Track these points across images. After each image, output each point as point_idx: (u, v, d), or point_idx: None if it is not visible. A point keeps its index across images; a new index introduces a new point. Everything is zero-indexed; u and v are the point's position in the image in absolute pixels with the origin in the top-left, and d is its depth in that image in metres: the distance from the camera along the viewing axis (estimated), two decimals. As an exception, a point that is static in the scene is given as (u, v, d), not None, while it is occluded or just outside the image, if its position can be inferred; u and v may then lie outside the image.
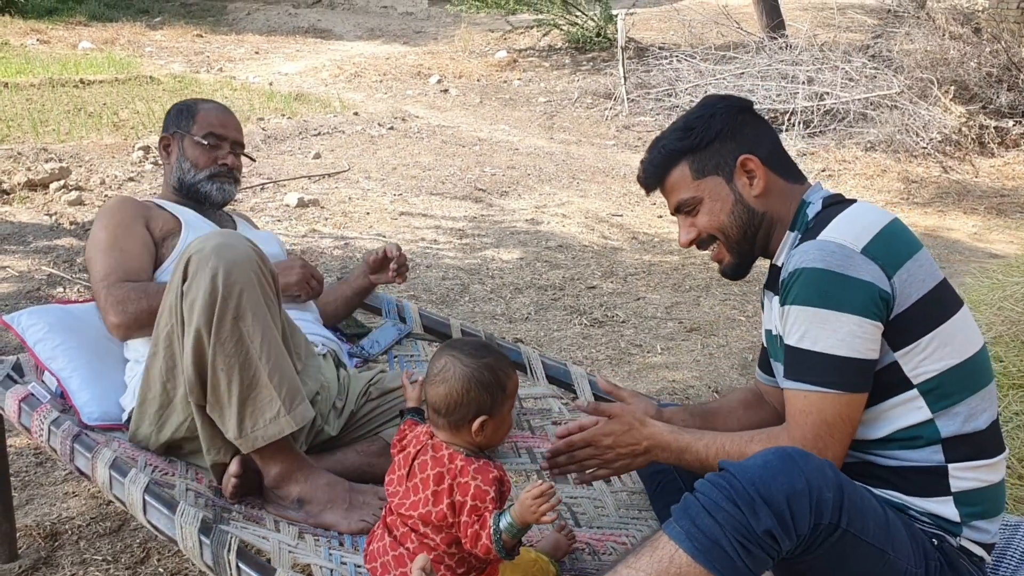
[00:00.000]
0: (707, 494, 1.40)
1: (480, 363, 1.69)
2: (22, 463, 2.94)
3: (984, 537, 1.62)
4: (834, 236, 1.59)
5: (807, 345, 1.58)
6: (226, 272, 1.88)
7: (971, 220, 6.56)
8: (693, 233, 1.81)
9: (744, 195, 1.76)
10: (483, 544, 1.61)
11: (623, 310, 4.62)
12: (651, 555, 1.40)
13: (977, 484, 1.61)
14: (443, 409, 1.68)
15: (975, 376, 1.63)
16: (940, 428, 1.59)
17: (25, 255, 4.72)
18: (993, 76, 8.61)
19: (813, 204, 1.74)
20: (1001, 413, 2.73)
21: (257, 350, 1.91)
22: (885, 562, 1.47)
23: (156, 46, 12.08)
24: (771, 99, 8.68)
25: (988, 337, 3.05)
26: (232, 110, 2.65)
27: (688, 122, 1.79)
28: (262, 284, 1.95)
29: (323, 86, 10.30)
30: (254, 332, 1.90)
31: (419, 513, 1.66)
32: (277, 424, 1.93)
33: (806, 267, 1.57)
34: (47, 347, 2.32)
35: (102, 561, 2.46)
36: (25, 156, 6.09)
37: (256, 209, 5.81)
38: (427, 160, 7.36)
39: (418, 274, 4.95)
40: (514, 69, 11.27)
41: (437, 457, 1.68)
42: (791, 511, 1.37)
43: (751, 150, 1.75)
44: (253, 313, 1.91)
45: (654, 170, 1.82)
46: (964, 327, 1.64)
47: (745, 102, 1.83)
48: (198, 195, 2.50)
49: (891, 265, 1.57)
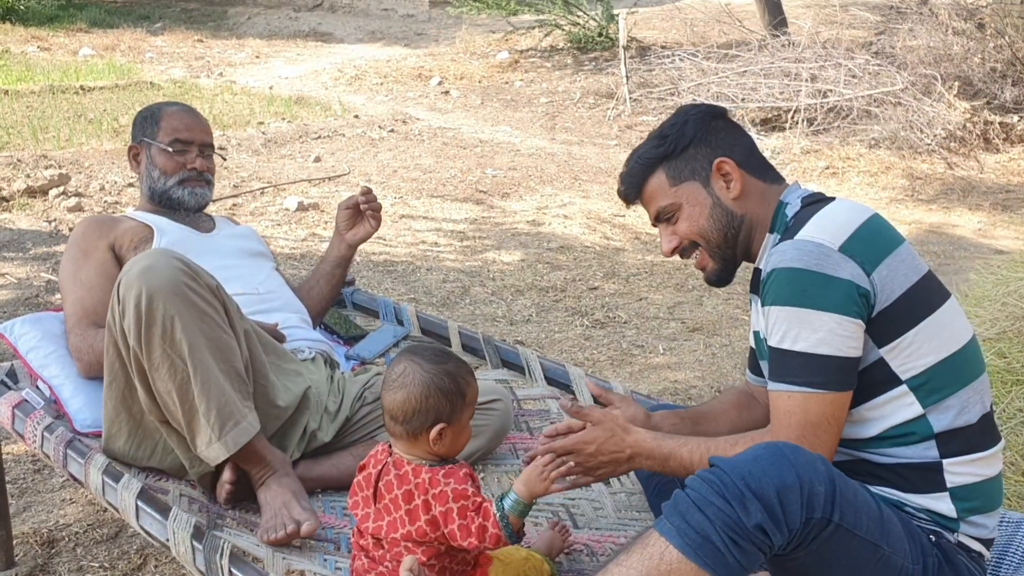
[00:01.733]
0: (697, 490, 1.39)
1: (440, 369, 1.65)
2: (19, 470, 2.93)
3: (982, 532, 1.60)
4: (811, 235, 1.58)
5: (788, 345, 1.57)
6: (148, 297, 1.86)
7: (976, 216, 6.51)
8: (675, 241, 1.82)
9: (722, 198, 1.76)
10: (492, 534, 1.59)
11: (625, 311, 4.59)
12: (641, 552, 1.39)
13: (973, 479, 1.59)
14: (400, 416, 1.64)
15: (965, 368, 1.61)
16: (933, 423, 1.57)
17: (24, 262, 4.71)
18: (997, 71, 8.56)
19: (791, 204, 1.74)
20: (1005, 409, 2.70)
21: (191, 373, 1.89)
22: (880, 557, 1.45)
23: (157, 52, 12.08)
24: (774, 97, 8.65)
25: (992, 333, 3.02)
26: (198, 111, 2.61)
27: (662, 131, 1.81)
28: (191, 303, 1.91)
29: (323, 89, 10.29)
30: (186, 354, 1.88)
31: (402, 533, 1.62)
32: (212, 449, 1.92)
33: (784, 267, 1.56)
34: (40, 355, 2.31)
35: (99, 568, 2.45)
36: (25, 163, 6.09)
37: (256, 213, 5.80)
38: (428, 162, 7.34)
39: (419, 277, 4.93)
40: (516, 70, 11.25)
41: (401, 475, 1.64)
42: (782, 505, 1.35)
43: (726, 153, 1.76)
44: (183, 336, 1.88)
45: (632, 180, 1.84)
46: (951, 320, 1.62)
47: (719, 109, 1.85)
48: (171, 202, 2.48)
49: (870, 262, 1.56)
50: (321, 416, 2.21)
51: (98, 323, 2.26)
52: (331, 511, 2.08)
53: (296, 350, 2.32)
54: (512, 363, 2.73)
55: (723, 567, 1.34)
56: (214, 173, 2.56)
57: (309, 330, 2.45)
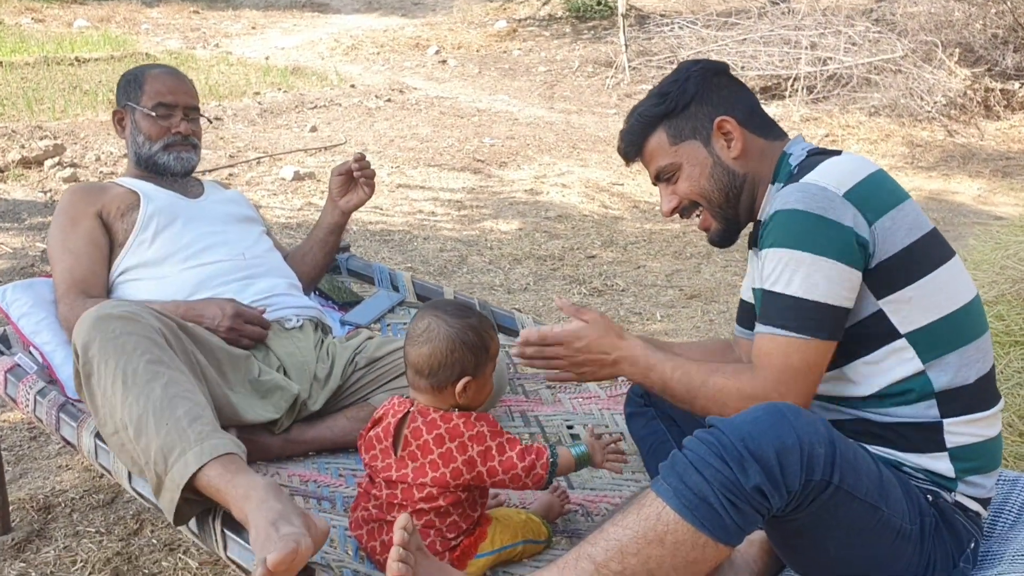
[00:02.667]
0: (695, 451, 1.37)
1: (464, 323, 1.67)
2: (15, 437, 2.92)
3: (980, 492, 1.59)
4: (817, 179, 1.56)
5: (780, 288, 1.54)
6: (84, 347, 1.78)
7: (976, 183, 6.49)
8: (675, 201, 1.79)
9: (723, 157, 1.73)
10: (536, 474, 1.66)
11: (623, 279, 4.58)
12: (638, 513, 1.37)
13: (972, 439, 1.57)
14: (426, 370, 1.66)
15: (966, 327, 1.59)
16: (933, 380, 1.55)
17: (19, 232, 4.69)
18: (999, 37, 8.49)
19: (795, 155, 1.72)
20: (1003, 371, 2.70)
21: (132, 420, 1.72)
22: (879, 519, 1.44)
23: (152, 23, 11.99)
24: (774, 65, 8.59)
25: (991, 296, 3.00)
26: (183, 73, 2.55)
27: (662, 88, 1.77)
28: (126, 351, 1.77)
29: (320, 60, 10.22)
30: (127, 399, 1.73)
31: (432, 477, 1.63)
32: (162, 496, 1.69)
33: (786, 208, 1.54)
34: (31, 321, 2.29)
35: (95, 533, 2.45)
36: (19, 134, 6.05)
37: (252, 183, 5.77)
38: (425, 132, 7.29)
39: (416, 246, 4.91)
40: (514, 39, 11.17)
41: (429, 422, 1.66)
42: (781, 467, 1.33)
43: (727, 112, 1.73)
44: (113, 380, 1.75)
45: (632, 139, 1.81)
46: (954, 278, 1.60)
47: (720, 65, 1.81)
48: (157, 168, 2.44)
49: (873, 211, 1.53)
50: (311, 384, 2.19)
51: (87, 292, 2.24)
52: (325, 471, 2.07)
53: (283, 319, 2.30)
54: (507, 327, 2.72)
55: (720, 528, 1.33)
56: (200, 137, 2.52)
57: (299, 296, 2.41)
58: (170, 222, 2.33)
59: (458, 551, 1.67)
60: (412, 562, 1.44)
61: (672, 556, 1.34)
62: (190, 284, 2.25)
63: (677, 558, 1.34)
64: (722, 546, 1.34)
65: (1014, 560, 1.58)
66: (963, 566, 1.55)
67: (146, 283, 2.27)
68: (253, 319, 2.18)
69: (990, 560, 1.62)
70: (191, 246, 2.31)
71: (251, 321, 2.17)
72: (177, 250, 2.30)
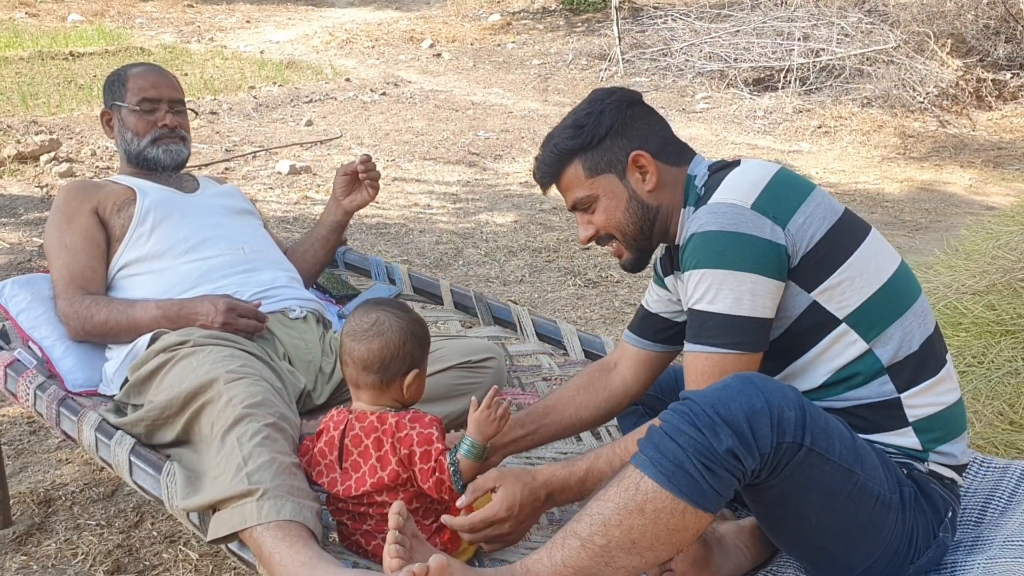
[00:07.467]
0: (669, 421, 1.40)
1: (411, 317, 1.73)
2: (16, 432, 2.94)
3: (951, 460, 1.62)
4: (724, 198, 1.59)
5: (705, 306, 1.57)
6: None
7: (968, 173, 6.51)
8: (591, 230, 1.81)
9: (638, 191, 1.75)
10: (447, 487, 1.64)
11: (617, 270, 4.59)
12: (619, 485, 1.41)
13: (933, 409, 1.60)
14: (377, 364, 1.67)
15: (899, 296, 1.62)
16: (880, 356, 1.58)
17: (16, 227, 4.70)
18: (991, 28, 8.51)
19: (699, 175, 1.74)
20: (993, 360, 2.73)
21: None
22: (856, 482, 1.47)
23: (147, 17, 11.97)
24: (767, 56, 8.60)
25: (982, 286, 3.04)
26: (165, 68, 2.57)
27: (578, 119, 1.77)
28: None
29: (315, 53, 10.22)
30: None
31: (371, 483, 1.64)
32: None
33: (701, 231, 1.57)
34: (30, 316, 2.32)
35: (96, 526, 2.47)
36: (15, 129, 6.06)
37: (248, 177, 5.78)
38: (420, 125, 7.31)
39: (411, 239, 4.93)
40: (508, 32, 11.17)
41: (367, 426, 1.67)
42: (752, 429, 1.37)
43: (642, 145, 1.74)
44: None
45: (547, 169, 1.81)
46: (876, 252, 1.63)
47: (634, 95, 1.81)
48: (147, 162, 2.45)
49: (783, 214, 1.57)
50: (316, 378, 2.21)
51: (85, 288, 2.26)
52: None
53: (287, 309, 2.32)
54: (504, 320, 2.75)
55: (697, 494, 1.36)
56: (188, 130, 2.53)
57: (300, 289, 2.44)
58: (167, 216, 2.35)
59: (447, 533, 1.69)
60: (408, 545, 1.48)
61: (654, 525, 1.37)
62: (191, 277, 2.27)
63: (659, 526, 1.37)
64: (701, 512, 1.37)
65: (1004, 545, 1.60)
66: (942, 536, 1.59)
67: (146, 277, 2.29)
68: (248, 312, 2.18)
69: (981, 545, 1.65)
70: (189, 239, 2.33)
71: (245, 314, 2.18)
72: (175, 243, 2.32)
